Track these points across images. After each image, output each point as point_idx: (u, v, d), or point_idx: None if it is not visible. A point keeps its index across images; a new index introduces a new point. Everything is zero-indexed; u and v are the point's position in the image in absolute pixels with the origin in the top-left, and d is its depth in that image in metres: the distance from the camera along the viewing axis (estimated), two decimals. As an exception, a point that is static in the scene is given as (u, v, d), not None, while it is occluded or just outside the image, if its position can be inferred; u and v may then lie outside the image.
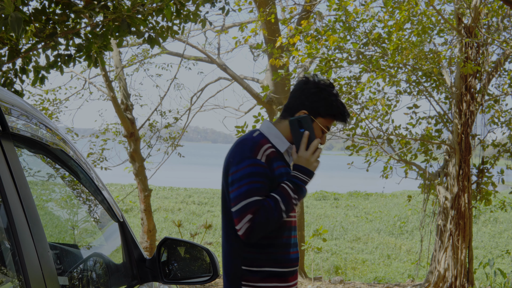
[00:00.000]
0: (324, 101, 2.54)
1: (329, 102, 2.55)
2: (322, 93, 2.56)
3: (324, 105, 2.54)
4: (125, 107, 9.69)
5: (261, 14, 8.02)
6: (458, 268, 7.64)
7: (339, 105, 2.57)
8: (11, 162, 1.43)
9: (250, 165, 2.40)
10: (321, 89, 2.57)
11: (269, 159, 2.43)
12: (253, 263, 2.46)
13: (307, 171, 2.50)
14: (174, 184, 28.87)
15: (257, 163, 2.40)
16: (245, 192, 2.38)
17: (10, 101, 1.56)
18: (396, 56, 7.11)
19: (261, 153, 2.43)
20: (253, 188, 2.38)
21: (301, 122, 2.52)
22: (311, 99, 2.55)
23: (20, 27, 2.69)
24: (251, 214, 2.36)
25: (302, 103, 2.56)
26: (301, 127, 2.52)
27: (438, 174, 8.01)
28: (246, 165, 2.40)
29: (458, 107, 7.60)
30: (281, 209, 2.40)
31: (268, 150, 2.45)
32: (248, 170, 2.39)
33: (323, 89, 2.57)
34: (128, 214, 20.15)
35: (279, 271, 2.49)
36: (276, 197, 2.41)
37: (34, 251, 1.40)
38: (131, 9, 4.06)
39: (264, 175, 2.40)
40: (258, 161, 2.41)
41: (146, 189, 9.85)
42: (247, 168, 2.40)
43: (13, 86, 4.46)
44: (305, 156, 2.51)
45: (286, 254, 2.51)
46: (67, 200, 2.25)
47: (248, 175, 2.39)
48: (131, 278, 2.19)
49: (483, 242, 17.26)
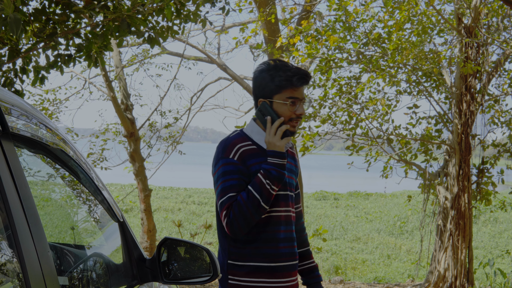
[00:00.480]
0: (265, 80, 2.55)
1: (269, 78, 2.54)
2: (260, 74, 2.57)
3: (268, 83, 2.54)
4: (125, 107, 9.69)
5: (261, 14, 8.02)
6: (458, 268, 7.64)
7: (282, 73, 2.53)
8: (11, 162, 1.43)
9: (223, 165, 2.49)
10: (259, 72, 2.59)
11: (242, 157, 2.50)
12: (239, 257, 2.52)
13: (274, 153, 2.50)
14: (174, 184, 28.87)
15: (229, 162, 2.49)
16: (220, 191, 2.48)
17: (10, 101, 1.56)
18: (396, 56, 7.11)
19: (234, 152, 2.50)
20: (226, 186, 2.47)
21: (262, 111, 2.56)
22: (257, 86, 2.58)
23: (18, 28, 2.69)
24: (225, 210, 2.45)
25: (255, 94, 2.60)
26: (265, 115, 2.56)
27: (438, 174, 8.01)
28: (220, 165, 2.50)
29: (458, 107, 7.61)
30: (255, 197, 2.44)
31: (242, 148, 2.52)
32: (221, 170, 2.49)
33: (259, 71, 2.58)
34: (128, 214, 20.15)
35: (265, 265, 2.52)
36: (248, 188, 2.46)
37: (34, 251, 1.40)
38: (131, 9, 4.06)
39: (237, 172, 2.48)
40: (230, 159, 2.49)
41: (146, 189, 9.85)
42: (221, 168, 2.50)
43: (13, 86, 4.46)
44: (269, 139, 2.52)
45: (273, 249, 2.54)
46: (67, 200, 2.25)
47: (222, 174, 2.49)
48: (131, 278, 2.20)
49: (483, 242, 17.26)
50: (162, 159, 10.79)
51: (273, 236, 2.54)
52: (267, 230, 2.54)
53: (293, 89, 2.53)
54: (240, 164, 2.49)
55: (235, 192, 2.47)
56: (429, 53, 7.52)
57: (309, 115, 7.63)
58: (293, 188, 2.69)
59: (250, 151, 2.53)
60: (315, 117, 7.63)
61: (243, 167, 2.49)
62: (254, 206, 2.44)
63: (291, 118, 2.56)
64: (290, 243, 2.60)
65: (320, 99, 7.55)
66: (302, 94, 2.57)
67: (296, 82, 2.52)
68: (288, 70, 2.53)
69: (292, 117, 2.55)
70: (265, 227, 2.54)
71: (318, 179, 39.96)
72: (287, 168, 2.65)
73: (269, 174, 2.47)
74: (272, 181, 2.47)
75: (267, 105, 2.55)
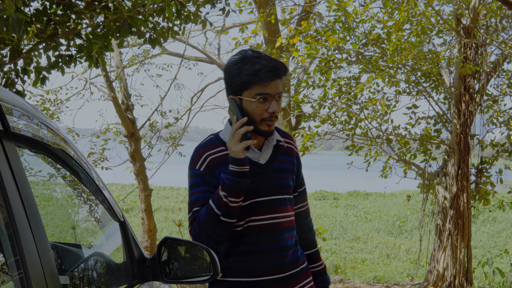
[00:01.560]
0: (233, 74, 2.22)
1: (237, 72, 2.21)
2: (229, 67, 2.25)
3: (236, 77, 2.22)
4: (125, 107, 9.71)
5: (261, 15, 8.04)
6: (457, 268, 7.66)
7: (249, 67, 2.19)
8: (12, 162, 1.44)
9: (190, 177, 2.29)
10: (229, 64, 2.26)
11: (209, 166, 2.26)
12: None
13: (232, 160, 2.19)
14: (174, 184, 28.84)
15: (195, 174, 2.26)
16: (188, 205, 2.29)
17: (12, 101, 1.56)
18: (396, 56, 7.13)
19: (200, 161, 2.27)
20: (192, 200, 2.27)
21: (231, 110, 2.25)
22: (226, 80, 2.28)
23: (21, 28, 2.70)
24: (190, 226, 2.26)
25: (226, 89, 2.31)
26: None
27: (437, 174, 8.03)
28: (188, 177, 2.30)
29: (457, 107, 7.62)
30: (213, 212, 2.19)
31: (210, 157, 2.27)
32: (189, 182, 2.29)
33: (230, 64, 2.26)
34: (129, 213, 20.16)
35: (245, 281, 2.30)
36: (209, 202, 2.22)
37: (35, 250, 1.41)
38: (132, 10, 4.08)
39: (203, 184, 2.25)
40: (196, 171, 2.26)
41: (147, 188, 9.86)
42: (189, 180, 2.29)
43: (15, 86, 4.48)
44: (228, 144, 2.22)
45: (253, 262, 2.29)
46: (68, 200, 2.26)
47: (190, 186, 2.29)
48: (131, 278, 2.20)
49: (482, 241, 17.26)
50: (163, 159, 10.82)
51: (251, 249, 2.28)
52: (243, 243, 2.29)
53: (262, 84, 2.19)
54: (207, 175, 2.25)
55: (201, 206, 2.25)
56: (428, 54, 7.53)
57: (309, 115, 7.65)
58: (289, 189, 2.38)
59: (218, 159, 2.27)
60: (314, 117, 7.65)
61: (210, 178, 2.25)
62: (213, 221, 2.20)
63: (264, 118, 2.23)
64: (279, 253, 2.31)
65: (320, 99, 7.57)
66: (275, 89, 2.22)
67: (264, 76, 2.17)
68: (256, 63, 2.18)
69: (265, 116, 2.22)
70: (240, 239, 2.29)
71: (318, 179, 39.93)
72: (278, 168, 2.34)
73: (223, 185, 2.19)
74: (228, 192, 2.18)
75: (234, 103, 2.24)
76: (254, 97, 2.19)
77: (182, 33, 5.07)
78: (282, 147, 2.38)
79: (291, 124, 8.98)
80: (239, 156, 2.17)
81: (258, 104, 2.20)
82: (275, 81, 2.20)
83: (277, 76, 2.19)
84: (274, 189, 2.31)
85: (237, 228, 2.28)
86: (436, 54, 7.51)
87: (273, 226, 2.30)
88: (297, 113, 7.75)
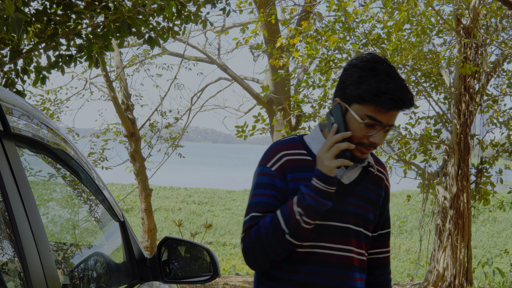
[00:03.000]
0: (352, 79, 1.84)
1: (357, 80, 1.82)
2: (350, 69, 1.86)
3: (353, 84, 1.83)
4: (125, 107, 9.71)
5: (261, 15, 8.04)
6: (457, 268, 7.66)
7: (373, 82, 1.80)
8: (12, 161, 1.44)
9: (258, 174, 1.93)
10: (351, 65, 1.87)
11: (283, 168, 1.89)
12: None
13: (319, 175, 1.81)
14: (174, 183, 28.85)
15: (265, 172, 1.91)
16: (247, 207, 1.93)
17: (12, 101, 1.56)
18: (396, 56, 7.13)
19: (274, 160, 1.91)
20: (253, 202, 1.90)
21: (332, 115, 1.87)
22: (341, 80, 1.89)
23: (20, 28, 2.70)
24: (244, 233, 1.89)
25: (335, 90, 1.92)
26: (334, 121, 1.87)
27: (437, 174, 8.03)
28: (256, 174, 1.95)
29: (457, 107, 7.62)
30: (279, 226, 1.82)
31: (286, 157, 1.91)
32: (255, 180, 1.94)
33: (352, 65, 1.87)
34: (129, 213, 20.16)
35: None
36: (277, 211, 1.85)
37: (36, 250, 1.41)
38: (132, 10, 4.08)
39: (271, 187, 1.89)
40: (267, 169, 1.91)
41: (147, 188, 9.87)
42: (255, 178, 1.94)
43: (15, 86, 4.48)
44: (319, 153, 1.83)
45: None
46: (68, 200, 2.26)
47: (254, 186, 1.93)
48: (131, 277, 2.20)
49: (482, 241, 17.27)
50: (163, 159, 10.82)
51: (310, 281, 1.88)
52: (303, 271, 1.88)
53: (378, 109, 1.80)
54: (277, 177, 1.88)
55: (262, 212, 1.88)
56: (428, 54, 7.54)
57: (309, 115, 7.66)
58: (368, 224, 1.96)
59: (297, 162, 1.90)
60: (314, 117, 7.65)
61: (280, 182, 1.88)
62: (276, 237, 1.82)
63: (361, 142, 1.84)
64: None
65: (320, 99, 7.57)
66: (388, 120, 1.83)
67: (384, 103, 1.79)
68: (384, 82, 1.80)
69: (363, 141, 1.84)
70: (300, 266, 1.89)
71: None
72: (360, 194, 1.95)
73: (302, 201, 1.80)
74: (305, 210, 1.80)
75: (340, 109, 1.86)
76: (363, 117, 1.82)
77: (182, 33, 5.08)
78: (371, 173, 2.00)
79: (291, 124, 8.99)
80: (329, 174, 1.80)
81: (363, 126, 1.83)
82: (393, 112, 1.83)
83: (398, 108, 1.82)
84: (350, 217, 1.93)
85: (298, 250, 1.89)
86: (436, 54, 7.52)
87: (345, 259, 1.90)
88: (297, 113, 7.75)
